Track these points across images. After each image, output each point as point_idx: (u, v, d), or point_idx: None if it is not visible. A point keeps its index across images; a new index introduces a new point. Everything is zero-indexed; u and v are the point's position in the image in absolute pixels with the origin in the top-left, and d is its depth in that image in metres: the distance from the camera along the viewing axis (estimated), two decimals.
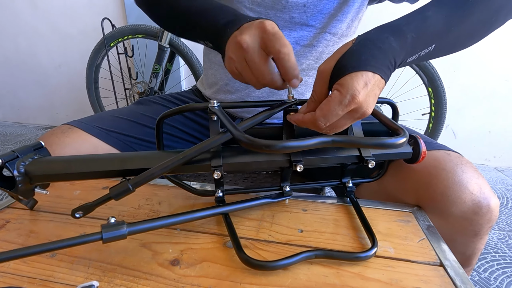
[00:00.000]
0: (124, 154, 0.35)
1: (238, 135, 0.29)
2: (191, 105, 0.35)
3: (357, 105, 0.28)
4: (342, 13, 0.50)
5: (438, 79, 1.20)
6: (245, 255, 0.28)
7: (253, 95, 0.56)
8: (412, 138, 0.37)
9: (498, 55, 1.40)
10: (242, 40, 0.34)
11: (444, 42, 0.35)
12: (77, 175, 0.33)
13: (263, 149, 0.27)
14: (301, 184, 0.40)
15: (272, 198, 0.37)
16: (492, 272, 0.87)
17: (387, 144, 0.28)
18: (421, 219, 0.37)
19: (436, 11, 0.34)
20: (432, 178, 0.38)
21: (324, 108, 0.28)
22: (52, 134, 0.48)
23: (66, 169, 0.32)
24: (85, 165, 0.33)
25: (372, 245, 0.30)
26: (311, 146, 0.28)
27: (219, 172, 0.33)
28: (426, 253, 0.31)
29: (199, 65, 1.37)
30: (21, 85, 2.03)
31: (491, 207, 0.36)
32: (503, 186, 1.38)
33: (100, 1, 1.70)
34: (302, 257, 0.28)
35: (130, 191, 0.30)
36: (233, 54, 0.35)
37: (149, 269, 0.28)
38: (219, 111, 0.33)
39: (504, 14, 0.38)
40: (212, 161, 0.33)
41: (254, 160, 0.34)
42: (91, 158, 0.33)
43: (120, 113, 0.56)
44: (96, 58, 1.46)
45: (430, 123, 1.28)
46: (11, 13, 1.84)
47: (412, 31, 0.32)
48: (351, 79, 0.28)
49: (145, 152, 0.35)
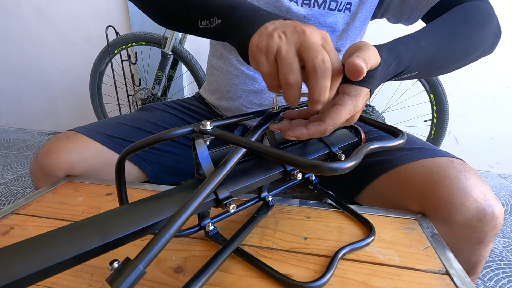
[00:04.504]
0: (91, 220, 0.23)
1: (302, 162, 0.22)
2: (167, 133, 0.27)
3: (355, 117, 0.31)
4: (345, 29, 0.51)
5: (440, 86, 1.20)
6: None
7: (256, 102, 0.56)
8: (353, 128, 0.41)
9: (499, 61, 1.40)
10: (305, 27, 0.29)
11: (426, 72, 0.40)
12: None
13: (327, 172, 0.21)
14: (275, 189, 0.40)
15: (264, 212, 0.37)
16: (497, 281, 0.85)
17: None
18: (426, 226, 0.37)
19: (429, 44, 0.36)
20: (436, 185, 0.38)
21: (335, 118, 0.29)
22: (57, 140, 0.48)
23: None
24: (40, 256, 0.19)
25: (369, 232, 0.32)
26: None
27: (234, 205, 0.27)
28: (431, 261, 0.31)
29: (202, 72, 1.38)
30: (25, 91, 2.05)
31: (495, 214, 0.36)
32: (506, 193, 1.37)
33: (104, 9, 1.73)
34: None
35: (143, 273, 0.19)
36: (283, 33, 0.29)
37: (152, 277, 0.28)
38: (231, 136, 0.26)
39: (479, 54, 0.45)
40: (218, 193, 0.27)
41: (256, 180, 0.30)
42: (46, 237, 0.21)
43: (124, 120, 0.56)
44: (100, 65, 1.48)
45: (432, 130, 1.28)
46: (18, 21, 1.87)
47: (407, 60, 0.34)
48: (360, 94, 0.30)
49: (116, 210, 0.25)
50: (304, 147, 0.36)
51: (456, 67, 0.44)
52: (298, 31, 0.29)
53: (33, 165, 0.48)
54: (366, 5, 0.49)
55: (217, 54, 0.58)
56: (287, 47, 0.28)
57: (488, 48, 0.46)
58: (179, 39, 1.40)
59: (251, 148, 0.25)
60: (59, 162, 0.46)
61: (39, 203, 0.41)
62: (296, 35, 0.28)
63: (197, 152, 0.27)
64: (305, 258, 0.31)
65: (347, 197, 0.51)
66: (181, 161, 0.58)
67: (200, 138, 0.28)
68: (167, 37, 1.33)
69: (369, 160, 0.47)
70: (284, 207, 0.40)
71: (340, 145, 0.37)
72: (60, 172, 0.47)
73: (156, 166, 0.55)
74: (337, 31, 0.51)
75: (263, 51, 0.29)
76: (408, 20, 0.52)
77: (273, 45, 0.28)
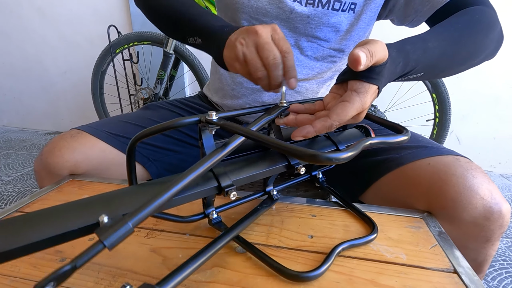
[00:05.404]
0: (98, 197, 0.24)
1: (302, 152, 0.22)
2: (175, 121, 0.27)
3: (362, 114, 0.32)
4: (349, 30, 0.51)
5: (442, 85, 1.20)
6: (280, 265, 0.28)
7: (259, 100, 0.56)
8: (363, 128, 0.41)
9: (502, 62, 1.40)
10: (257, 27, 0.36)
11: (431, 73, 0.41)
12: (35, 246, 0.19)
13: (328, 162, 0.22)
14: (281, 185, 0.40)
15: (268, 205, 0.37)
16: (500, 281, 0.85)
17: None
18: (432, 225, 0.37)
19: (435, 46, 0.37)
20: (442, 184, 0.37)
21: (341, 114, 0.29)
22: (62, 138, 0.48)
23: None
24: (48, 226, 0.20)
25: (372, 230, 0.33)
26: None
27: (235, 192, 0.28)
28: (439, 260, 0.31)
29: (204, 71, 1.38)
30: (26, 91, 2.05)
31: (502, 213, 0.36)
32: (509, 193, 1.36)
33: (106, 9, 1.73)
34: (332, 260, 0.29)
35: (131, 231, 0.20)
36: (243, 39, 0.36)
37: (159, 274, 0.28)
38: (233, 125, 0.28)
39: (482, 58, 0.45)
40: (220, 181, 0.28)
41: (260, 171, 0.31)
42: (51, 211, 0.22)
43: (127, 118, 0.56)
44: (101, 65, 1.48)
45: (434, 129, 1.28)
46: (20, 22, 1.87)
47: (414, 60, 0.35)
48: (368, 91, 0.30)
49: (124, 189, 0.26)
50: (311, 144, 0.36)
51: (459, 70, 0.44)
52: (252, 32, 0.36)
53: (37, 164, 0.48)
54: (371, 6, 0.49)
55: None
56: (248, 49, 0.36)
57: (490, 53, 0.46)
58: None
59: (250, 137, 0.26)
60: (63, 160, 0.46)
61: (44, 201, 0.41)
62: (251, 37, 0.36)
63: (203, 142, 0.28)
64: (311, 257, 0.31)
65: (352, 196, 0.50)
66: (184, 160, 0.58)
67: (206, 128, 0.28)
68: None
69: (374, 158, 0.47)
70: (289, 206, 0.40)
71: (348, 143, 0.37)
72: (64, 171, 0.47)
73: (160, 165, 0.55)
74: (341, 31, 0.51)
75: (234, 60, 0.37)
76: (412, 22, 0.52)
77: (238, 53, 0.36)
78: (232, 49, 0.37)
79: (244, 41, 0.36)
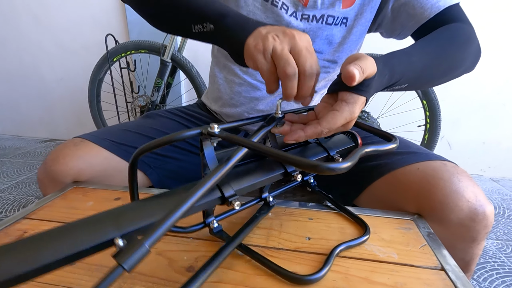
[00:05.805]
0: (107, 214, 0.25)
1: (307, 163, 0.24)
2: (177, 135, 0.28)
3: (351, 123, 0.33)
4: (342, 42, 0.54)
5: (432, 92, 1.24)
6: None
7: (257, 109, 0.59)
8: (350, 134, 0.43)
9: (490, 69, 1.45)
10: (294, 32, 0.34)
11: (414, 85, 0.43)
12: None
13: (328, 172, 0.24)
14: (276, 191, 0.42)
15: (265, 212, 0.39)
16: (491, 282, 0.88)
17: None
18: (422, 226, 0.39)
19: (418, 59, 0.39)
20: (430, 187, 0.40)
21: (331, 121, 0.31)
22: (65, 147, 0.49)
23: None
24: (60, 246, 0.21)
25: (364, 231, 0.35)
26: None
27: (238, 202, 0.29)
28: (428, 258, 0.33)
29: (200, 79, 1.41)
30: (22, 99, 2.05)
31: (486, 214, 0.38)
32: (499, 196, 1.40)
33: (103, 17, 1.75)
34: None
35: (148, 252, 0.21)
36: (277, 36, 0.33)
37: (166, 276, 0.29)
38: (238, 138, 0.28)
39: (462, 70, 0.48)
40: (223, 191, 0.29)
41: (260, 179, 0.32)
42: (62, 231, 0.22)
43: (129, 127, 0.58)
44: (99, 73, 1.49)
45: (425, 135, 1.32)
46: (16, 29, 1.88)
47: (399, 73, 0.37)
48: (356, 102, 0.32)
49: (131, 204, 0.26)
50: (304, 151, 0.38)
51: (440, 82, 0.47)
52: (289, 35, 0.33)
53: (41, 172, 0.49)
54: (361, 21, 0.52)
55: (221, 64, 0.61)
56: (282, 46, 0.32)
57: (469, 67, 0.49)
58: (178, 47, 1.42)
59: (254, 149, 0.27)
60: (67, 168, 0.48)
61: (49, 208, 0.42)
62: (287, 38, 0.33)
63: (204, 153, 0.29)
64: (309, 257, 0.33)
65: (347, 200, 0.53)
66: (185, 167, 0.60)
67: (207, 140, 0.30)
68: (166, 45, 1.35)
69: (366, 164, 0.49)
70: (287, 210, 0.42)
71: (338, 149, 0.39)
72: (68, 178, 0.48)
73: (161, 172, 0.57)
74: (334, 44, 0.54)
75: (261, 51, 0.33)
76: (399, 35, 0.56)
77: (269, 45, 0.33)
78: (262, 40, 0.33)
79: (278, 38, 0.33)
